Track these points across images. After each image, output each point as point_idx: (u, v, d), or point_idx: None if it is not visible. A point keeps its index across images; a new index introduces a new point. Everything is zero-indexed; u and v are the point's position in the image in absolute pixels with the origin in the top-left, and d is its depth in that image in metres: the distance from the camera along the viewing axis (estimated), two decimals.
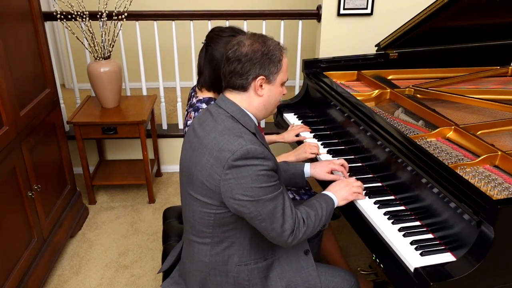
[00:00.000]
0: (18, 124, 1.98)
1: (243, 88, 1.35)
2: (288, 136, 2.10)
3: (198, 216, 1.36)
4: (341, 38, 2.98)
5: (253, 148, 1.25)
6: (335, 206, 1.51)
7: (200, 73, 1.81)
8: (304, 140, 2.04)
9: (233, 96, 1.37)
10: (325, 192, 1.55)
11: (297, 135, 2.09)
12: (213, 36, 1.75)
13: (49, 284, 2.29)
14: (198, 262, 1.43)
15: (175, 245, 1.76)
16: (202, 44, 1.79)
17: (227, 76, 1.37)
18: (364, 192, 1.61)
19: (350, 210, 1.60)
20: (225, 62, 1.36)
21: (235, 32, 1.75)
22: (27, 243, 2.07)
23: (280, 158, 1.85)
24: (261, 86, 1.35)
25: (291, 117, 2.27)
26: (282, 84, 1.42)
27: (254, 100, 1.37)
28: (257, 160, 1.25)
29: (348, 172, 1.71)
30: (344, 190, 1.54)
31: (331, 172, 1.70)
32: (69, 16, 2.74)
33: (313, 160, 1.88)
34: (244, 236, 1.39)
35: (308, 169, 1.71)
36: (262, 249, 1.44)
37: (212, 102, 1.77)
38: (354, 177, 1.64)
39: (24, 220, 2.04)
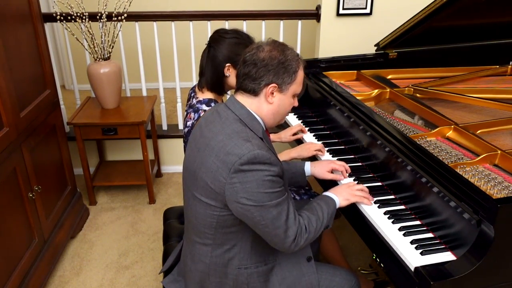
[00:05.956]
0: (19, 125, 1.98)
1: (254, 92, 1.35)
2: (285, 135, 2.09)
3: (201, 217, 1.36)
4: (341, 38, 2.98)
5: (260, 153, 1.25)
6: (337, 206, 1.50)
7: (201, 73, 1.82)
8: (303, 139, 2.04)
9: (243, 99, 1.37)
10: (326, 193, 1.53)
11: (294, 134, 2.09)
12: (217, 37, 1.76)
13: (50, 285, 2.29)
14: (199, 262, 1.43)
15: (176, 246, 1.76)
16: (206, 45, 1.79)
17: (240, 78, 1.37)
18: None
19: (351, 209, 1.60)
20: (241, 63, 1.36)
21: (239, 35, 1.75)
22: (28, 244, 2.07)
23: (282, 154, 1.86)
24: (272, 93, 1.35)
25: (290, 117, 2.27)
26: (294, 96, 1.42)
27: (264, 107, 1.37)
28: (264, 166, 1.25)
29: (348, 173, 1.71)
30: (345, 191, 1.53)
31: (332, 172, 1.70)
32: (69, 17, 2.74)
33: (314, 159, 1.88)
34: (246, 240, 1.38)
35: (308, 168, 1.71)
36: (263, 253, 1.43)
37: (212, 103, 1.78)
38: (355, 181, 1.64)
39: (24, 221, 2.04)
